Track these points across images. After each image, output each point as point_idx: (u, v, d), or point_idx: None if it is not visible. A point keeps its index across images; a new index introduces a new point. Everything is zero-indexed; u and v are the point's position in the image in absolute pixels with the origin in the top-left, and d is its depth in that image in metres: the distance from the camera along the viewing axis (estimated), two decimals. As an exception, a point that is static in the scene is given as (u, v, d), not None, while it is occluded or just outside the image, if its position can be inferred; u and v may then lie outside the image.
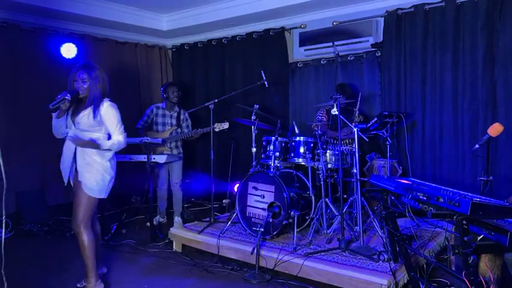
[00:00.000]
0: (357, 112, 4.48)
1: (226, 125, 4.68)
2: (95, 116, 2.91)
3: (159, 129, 4.91)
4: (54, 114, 2.94)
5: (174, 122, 4.92)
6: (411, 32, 4.51)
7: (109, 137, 2.99)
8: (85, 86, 2.94)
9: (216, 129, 4.66)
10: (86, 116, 2.92)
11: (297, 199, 3.81)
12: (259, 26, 5.64)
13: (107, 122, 2.96)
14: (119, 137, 2.97)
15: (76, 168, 3.06)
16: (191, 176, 5.78)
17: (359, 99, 4.30)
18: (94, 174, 2.97)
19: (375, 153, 4.57)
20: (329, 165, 3.84)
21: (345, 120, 3.66)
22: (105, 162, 2.99)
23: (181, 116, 4.95)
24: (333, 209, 3.81)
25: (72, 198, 3.13)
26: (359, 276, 2.88)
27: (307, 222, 3.86)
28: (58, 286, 3.26)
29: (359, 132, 3.56)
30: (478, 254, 2.13)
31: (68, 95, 2.82)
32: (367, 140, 3.85)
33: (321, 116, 4.56)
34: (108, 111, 2.96)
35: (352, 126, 3.59)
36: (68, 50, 5.14)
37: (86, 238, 2.94)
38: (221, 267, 3.54)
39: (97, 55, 5.65)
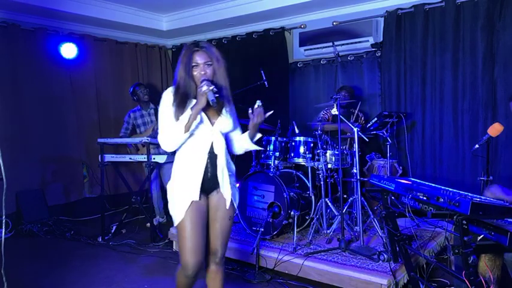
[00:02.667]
0: (359, 113, 4.50)
1: None
2: (231, 111, 2.32)
3: (142, 130, 4.94)
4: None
5: (153, 118, 4.94)
6: (411, 32, 4.51)
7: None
8: (210, 71, 2.15)
9: None
10: (224, 112, 2.26)
11: (297, 199, 3.81)
12: (259, 26, 5.64)
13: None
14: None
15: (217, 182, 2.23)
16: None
17: (358, 106, 4.33)
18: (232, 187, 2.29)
19: (375, 153, 4.57)
20: (329, 165, 3.84)
21: (345, 120, 3.66)
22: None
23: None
24: (333, 209, 3.81)
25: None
26: (359, 276, 2.88)
27: (307, 222, 3.86)
28: (58, 286, 3.26)
29: (359, 132, 3.56)
30: (478, 254, 2.13)
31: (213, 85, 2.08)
32: (367, 140, 3.85)
33: (324, 114, 4.56)
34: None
35: (353, 126, 3.59)
36: (68, 50, 5.16)
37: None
38: (221, 267, 3.54)
39: (97, 55, 5.65)
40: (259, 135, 2.33)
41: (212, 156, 2.17)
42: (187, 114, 2.06)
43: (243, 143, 2.33)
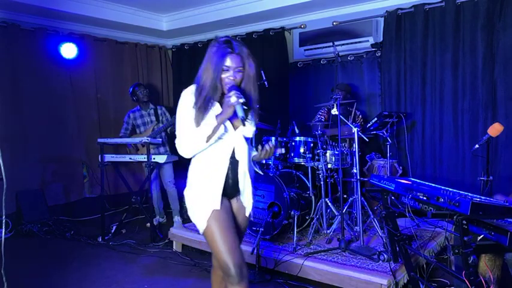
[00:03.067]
0: (356, 112, 4.49)
1: None
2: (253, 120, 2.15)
3: (142, 130, 4.94)
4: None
5: (153, 118, 4.94)
6: (411, 32, 4.51)
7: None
8: (239, 77, 2.01)
9: None
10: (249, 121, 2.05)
11: (297, 199, 3.81)
12: (259, 26, 5.64)
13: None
14: None
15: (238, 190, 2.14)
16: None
17: (355, 105, 4.32)
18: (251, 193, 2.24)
19: (375, 153, 4.57)
20: (329, 165, 3.84)
21: (345, 120, 3.66)
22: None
23: (159, 111, 4.99)
24: (333, 209, 3.81)
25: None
26: (359, 276, 2.88)
27: (307, 222, 3.86)
28: (58, 286, 3.26)
29: (359, 133, 3.56)
30: (478, 254, 2.13)
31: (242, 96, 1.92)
32: (367, 140, 3.85)
33: (320, 115, 4.56)
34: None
35: (353, 126, 3.59)
36: (68, 50, 5.16)
37: None
38: (221, 267, 3.54)
39: (97, 55, 5.65)
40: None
41: (234, 162, 2.04)
42: (210, 124, 1.90)
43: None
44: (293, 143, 4.00)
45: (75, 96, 5.47)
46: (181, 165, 5.35)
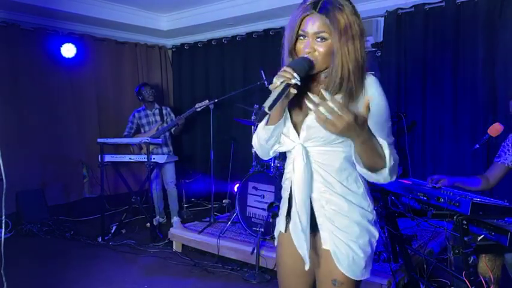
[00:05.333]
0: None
1: (206, 102, 4.58)
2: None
3: (146, 130, 4.95)
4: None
5: (158, 118, 4.96)
6: (411, 32, 4.51)
7: None
8: (323, 48, 1.33)
9: (198, 109, 4.63)
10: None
11: (297, 199, 3.80)
12: (259, 26, 5.63)
13: (373, 120, 1.30)
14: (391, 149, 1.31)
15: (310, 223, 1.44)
16: (191, 176, 5.79)
17: None
18: (353, 233, 1.43)
19: (375, 153, 4.57)
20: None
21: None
22: (367, 209, 1.46)
23: (164, 111, 5.01)
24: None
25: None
26: (359, 276, 2.87)
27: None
28: (58, 286, 3.26)
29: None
30: (478, 254, 2.13)
31: (295, 74, 1.27)
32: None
33: None
34: (376, 97, 1.36)
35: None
36: (68, 50, 5.16)
37: None
38: (221, 267, 3.54)
39: (97, 55, 5.65)
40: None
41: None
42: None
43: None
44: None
45: (75, 96, 5.47)
46: (182, 166, 5.37)
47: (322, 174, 1.42)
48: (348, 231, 1.41)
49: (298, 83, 1.27)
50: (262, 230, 3.41)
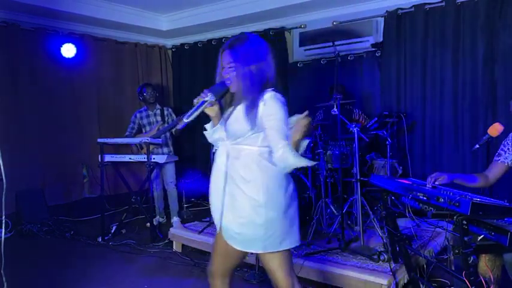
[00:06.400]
0: (361, 113, 4.49)
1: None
2: (246, 116, 1.81)
3: (147, 130, 4.96)
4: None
5: (159, 119, 4.96)
6: (411, 32, 4.51)
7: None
8: (233, 74, 1.86)
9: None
10: (235, 118, 1.86)
11: (297, 199, 3.80)
12: (259, 26, 5.63)
13: (265, 125, 1.80)
14: (282, 151, 1.79)
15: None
16: (191, 176, 5.79)
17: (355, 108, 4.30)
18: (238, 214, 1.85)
19: (375, 153, 4.57)
20: (329, 165, 3.84)
21: (346, 121, 3.66)
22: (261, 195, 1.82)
23: (165, 112, 5.01)
24: (332, 209, 3.81)
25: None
26: (359, 276, 2.88)
27: (307, 222, 3.86)
28: (58, 286, 3.26)
29: (359, 132, 3.56)
30: (478, 254, 2.13)
31: (209, 94, 1.86)
32: (367, 140, 3.84)
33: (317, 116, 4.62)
34: (269, 107, 1.80)
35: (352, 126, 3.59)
36: (68, 50, 5.16)
37: None
38: (221, 267, 3.54)
39: (97, 55, 5.65)
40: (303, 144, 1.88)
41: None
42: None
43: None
44: (293, 143, 3.99)
45: (75, 96, 5.47)
46: (182, 166, 5.36)
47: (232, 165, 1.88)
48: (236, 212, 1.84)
49: (213, 100, 1.84)
50: (262, 230, 3.40)
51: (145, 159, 4.37)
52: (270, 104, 1.79)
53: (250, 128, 1.79)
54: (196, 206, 5.79)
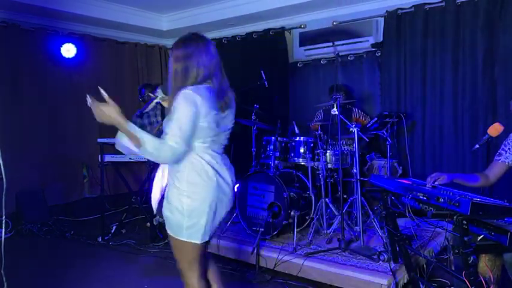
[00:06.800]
0: (360, 112, 4.49)
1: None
2: (167, 115, 2.05)
3: (148, 130, 4.93)
4: None
5: (159, 119, 4.98)
6: (411, 32, 4.51)
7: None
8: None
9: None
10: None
11: (297, 199, 3.81)
12: (259, 26, 5.63)
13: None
14: (168, 141, 1.95)
15: None
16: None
17: (356, 108, 4.29)
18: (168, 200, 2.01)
19: (375, 153, 4.57)
20: (329, 165, 3.84)
21: (346, 121, 3.66)
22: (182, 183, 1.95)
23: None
24: (333, 209, 3.81)
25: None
26: (359, 276, 2.88)
27: (307, 222, 3.86)
28: (58, 286, 3.26)
29: (359, 132, 3.56)
30: (478, 254, 2.13)
31: (159, 90, 2.30)
32: (367, 140, 3.85)
33: (317, 115, 4.63)
34: (177, 103, 1.91)
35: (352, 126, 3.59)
36: (68, 50, 5.16)
37: None
38: (221, 267, 3.53)
39: (97, 55, 5.65)
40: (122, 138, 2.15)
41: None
42: None
43: None
44: (293, 143, 4.00)
45: (75, 96, 5.46)
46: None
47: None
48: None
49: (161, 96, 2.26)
50: (262, 230, 3.41)
51: (146, 159, 4.37)
52: (177, 101, 1.91)
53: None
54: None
